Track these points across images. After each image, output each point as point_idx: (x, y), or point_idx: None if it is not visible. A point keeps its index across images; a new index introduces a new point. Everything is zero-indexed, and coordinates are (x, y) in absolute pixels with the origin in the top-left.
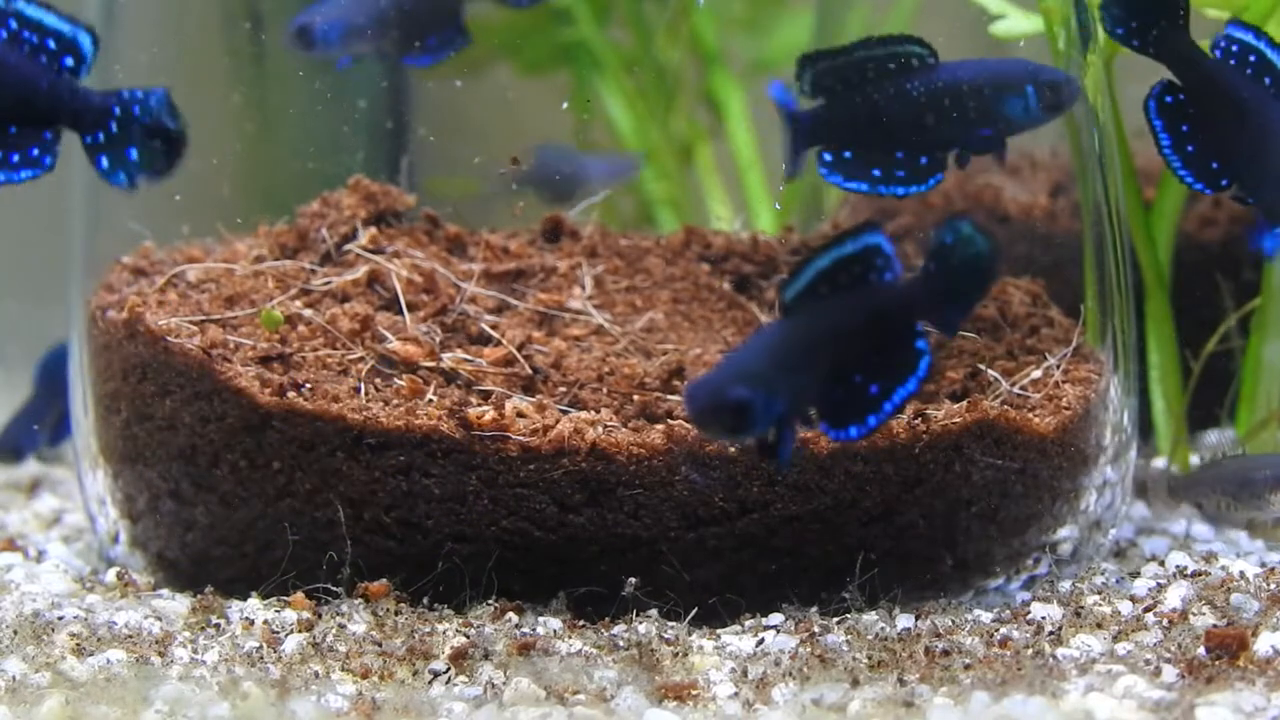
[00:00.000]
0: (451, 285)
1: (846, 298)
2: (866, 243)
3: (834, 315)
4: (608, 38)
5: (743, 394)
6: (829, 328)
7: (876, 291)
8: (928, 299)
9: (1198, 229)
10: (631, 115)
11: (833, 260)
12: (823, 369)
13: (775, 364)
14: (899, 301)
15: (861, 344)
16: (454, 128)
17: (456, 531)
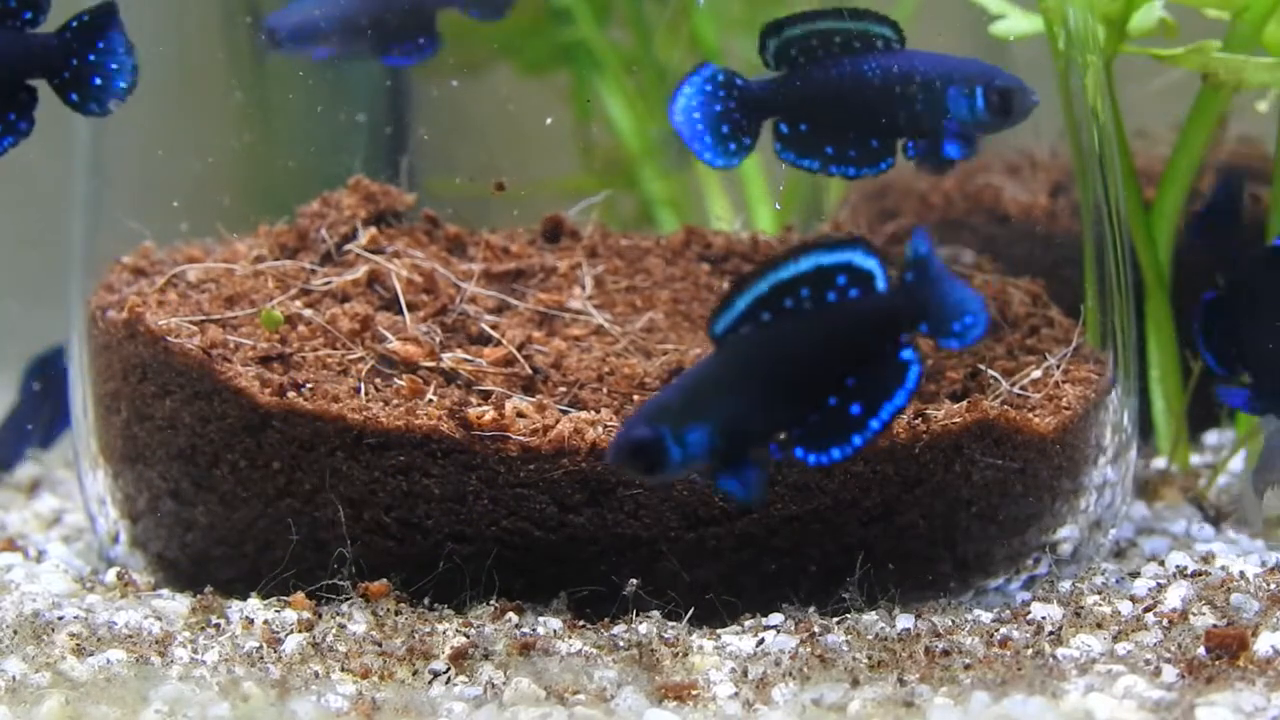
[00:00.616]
0: (451, 285)
1: (798, 320)
2: (811, 265)
3: (782, 341)
4: (608, 38)
5: (643, 434)
6: (776, 353)
7: (841, 310)
8: (902, 312)
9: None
10: (631, 115)
11: (771, 285)
12: (778, 395)
13: (692, 398)
14: (873, 317)
15: (830, 364)
16: (454, 128)
17: (456, 531)
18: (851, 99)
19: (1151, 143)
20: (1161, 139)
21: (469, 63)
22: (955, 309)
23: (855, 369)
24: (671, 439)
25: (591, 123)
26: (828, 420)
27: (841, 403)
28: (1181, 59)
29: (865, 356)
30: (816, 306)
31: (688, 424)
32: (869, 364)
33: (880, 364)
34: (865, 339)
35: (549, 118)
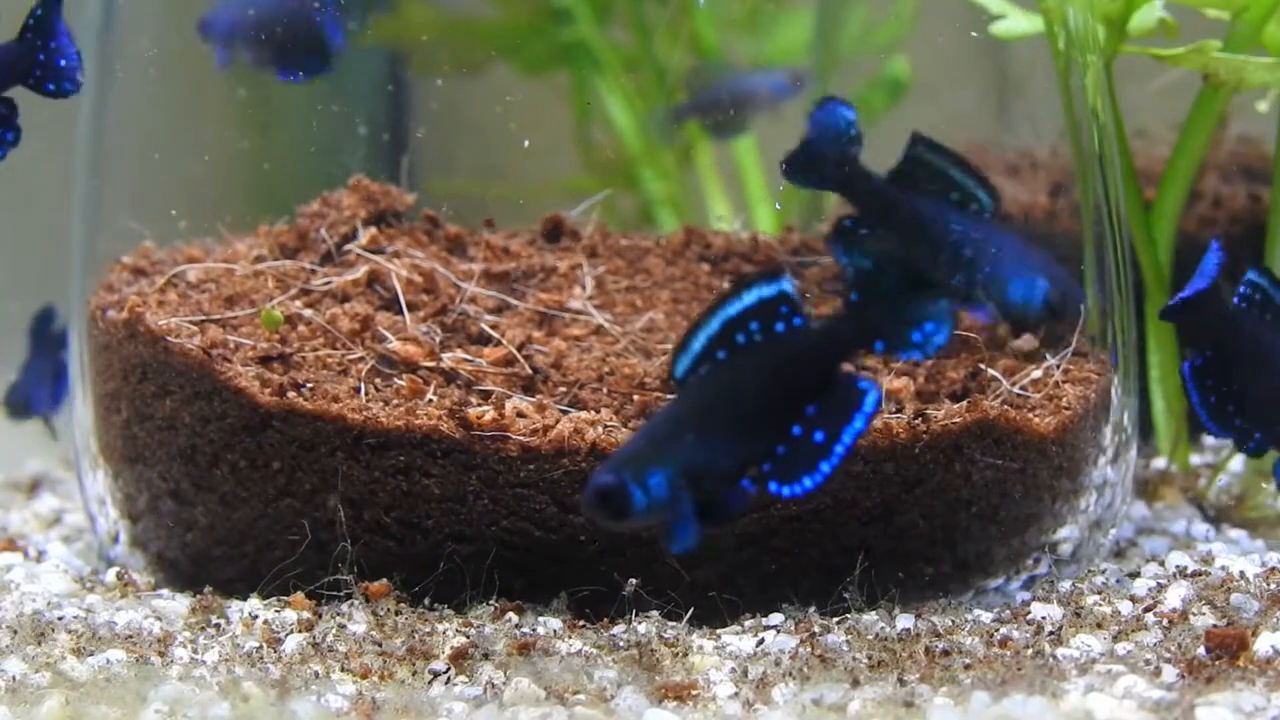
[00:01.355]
0: (451, 285)
1: (749, 355)
2: (754, 299)
3: (738, 377)
4: (608, 38)
5: (607, 481)
6: (734, 391)
7: (790, 340)
8: (854, 334)
9: (1198, 229)
10: (631, 115)
11: (722, 323)
12: (741, 432)
13: (655, 443)
14: (821, 343)
15: (788, 395)
16: (454, 128)
17: (456, 531)
18: (929, 244)
19: (1151, 143)
20: (1161, 139)
21: (469, 63)
22: (911, 319)
23: (813, 397)
24: (634, 484)
25: (591, 123)
26: (795, 451)
27: (805, 432)
28: (1181, 59)
29: (821, 383)
30: (767, 338)
31: (649, 468)
32: (826, 390)
33: (837, 389)
34: (817, 365)
35: (526, 141)
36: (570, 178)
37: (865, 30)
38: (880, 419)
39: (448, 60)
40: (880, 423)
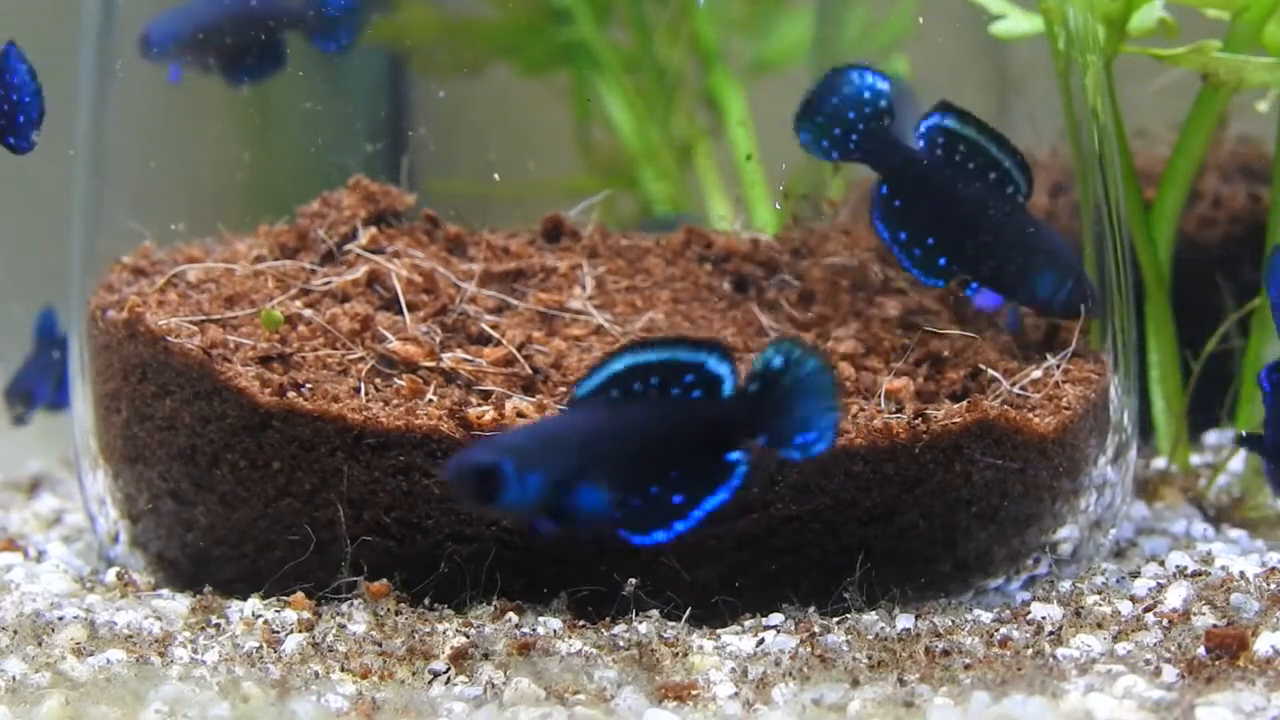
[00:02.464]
0: (451, 285)
1: (643, 408)
2: (667, 357)
3: (622, 422)
4: (608, 38)
5: (487, 460)
6: (615, 432)
7: (681, 408)
8: (741, 423)
9: (1198, 229)
10: (631, 115)
11: (628, 366)
12: (609, 470)
13: (541, 446)
14: (708, 422)
15: (660, 457)
16: (454, 128)
17: (456, 531)
18: (965, 220)
19: (1151, 143)
20: (1161, 139)
21: (469, 63)
22: (799, 425)
23: (689, 465)
24: (514, 475)
25: (591, 123)
26: (649, 506)
27: (663, 492)
28: (1181, 59)
29: (696, 455)
30: (660, 398)
31: (533, 467)
32: (701, 461)
33: (710, 462)
34: (698, 441)
35: (493, 161)
36: (570, 178)
37: (865, 30)
38: (880, 419)
39: (448, 60)
40: (880, 423)
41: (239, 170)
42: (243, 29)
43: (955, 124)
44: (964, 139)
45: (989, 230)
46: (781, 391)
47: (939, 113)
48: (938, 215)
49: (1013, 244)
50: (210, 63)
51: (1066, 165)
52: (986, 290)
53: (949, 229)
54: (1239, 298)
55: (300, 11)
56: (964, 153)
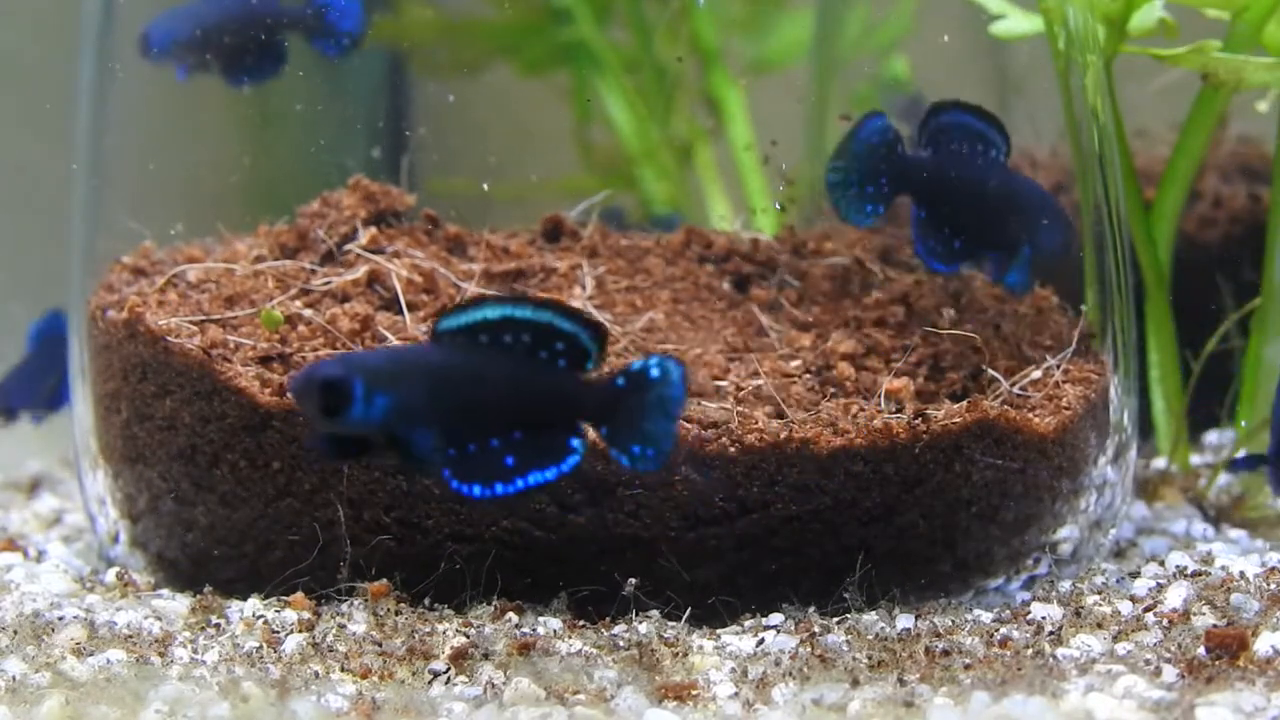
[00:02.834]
0: (451, 285)
1: (505, 359)
2: (546, 319)
3: (481, 367)
4: (608, 38)
5: (336, 373)
6: (471, 375)
7: (540, 372)
8: (595, 407)
9: (1198, 229)
10: (631, 115)
11: (504, 316)
12: (456, 409)
13: (394, 370)
14: (557, 395)
15: (506, 412)
16: (454, 128)
17: (456, 531)
18: (973, 199)
19: (1151, 143)
20: (1161, 139)
21: (469, 63)
22: (639, 435)
23: (528, 427)
24: (362, 392)
25: (591, 123)
26: (482, 457)
27: (501, 447)
28: (1181, 59)
29: (541, 423)
30: (525, 355)
31: (382, 388)
32: (545, 430)
33: (553, 435)
34: (549, 410)
35: (493, 162)
36: (570, 178)
37: (865, 30)
38: (880, 419)
39: (448, 60)
40: (880, 423)
41: (239, 170)
42: (243, 30)
43: (950, 118)
44: (956, 126)
45: (994, 201)
46: (642, 399)
47: (936, 113)
48: (954, 206)
49: (1012, 205)
50: (210, 63)
51: (1066, 165)
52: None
53: (963, 214)
54: (1239, 298)
55: (301, 14)
56: (957, 137)
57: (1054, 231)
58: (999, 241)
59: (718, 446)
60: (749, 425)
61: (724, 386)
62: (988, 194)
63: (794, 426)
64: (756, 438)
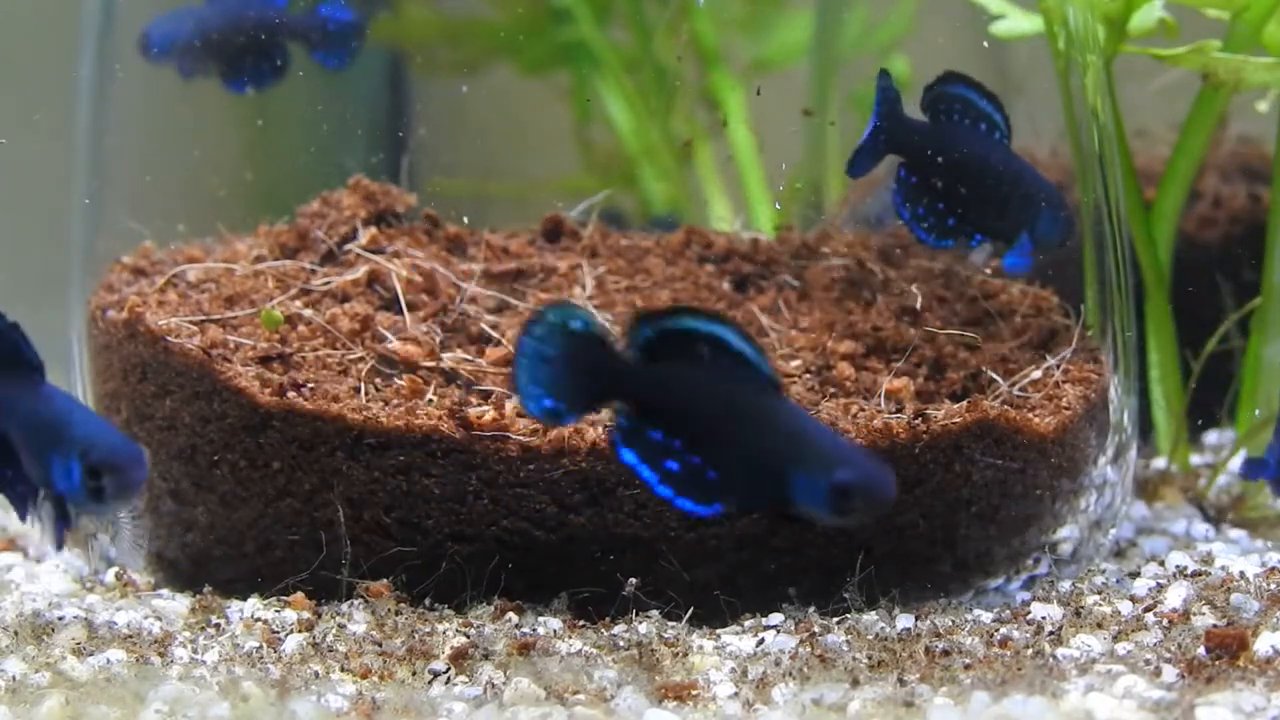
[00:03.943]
0: (451, 285)
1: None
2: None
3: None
4: (608, 38)
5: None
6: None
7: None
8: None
9: (1198, 229)
10: (631, 115)
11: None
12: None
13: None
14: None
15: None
16: (454, 128)
17: (456, 531)
18: (975, 176)
19: (1151, 143)
20: (1161, 139)
21: (469, 63)
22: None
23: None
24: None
25: (591, 123)
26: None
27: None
28: (1181, 59)
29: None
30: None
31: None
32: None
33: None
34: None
35: (493, 162)
36: (570, 178)
37: (865, 30)
38: (880, 419)
39: (448, 60)
40: (880, 423)
41: (239, 170)
42: (244, 36)
43: (951, 88)
44: (958, 98)
45: (994, 181)
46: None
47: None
48: (951, 179)
49: (1014, 188)
50: (210, 67)
51: (1066, 165)
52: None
53: (962, 189)
54: (1239, 298)
55: (303, 24)
56: (960, 110)
57: (1054, 221)
58: (997, 224)
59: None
60: None
61: None
62: (990, 173)
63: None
64: None
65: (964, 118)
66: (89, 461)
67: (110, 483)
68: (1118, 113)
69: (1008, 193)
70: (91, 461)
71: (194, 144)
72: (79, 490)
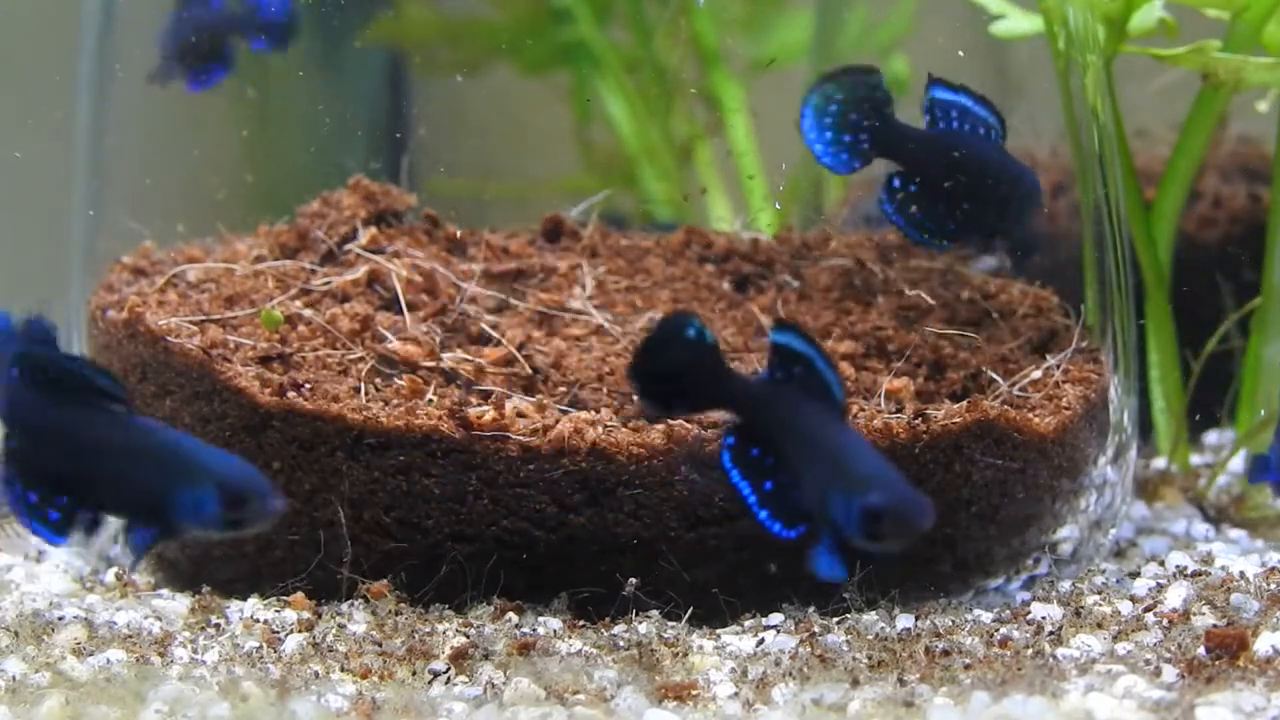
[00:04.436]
0: (451, 285)
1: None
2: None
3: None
4: (608, 38)
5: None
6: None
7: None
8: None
9: (1198, 229)
10: (631, 115)
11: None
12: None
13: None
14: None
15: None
16: (454, 128)
17: (456, 531)
18: (973, 181)
19: (1151, 143)
20: (1161, 139)
21: (469, 63)
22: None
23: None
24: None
25: (591, 123)
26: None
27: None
28: (1181, 59)
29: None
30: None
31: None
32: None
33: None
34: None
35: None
36: (570, 178)
37: (865, 30)
38: (880, 419)
39: (448, 60)
40: (880, 423)
41: (239, 170)
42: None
43: (944, 94)
44: (953, 105)
45: (991, 183)
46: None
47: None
48: (950, 183)
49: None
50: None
51: (1066, 165)
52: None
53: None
54: (1239, 298)
55: (234, 15)
56: (955, 117)
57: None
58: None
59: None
60: None
61: None
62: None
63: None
64: None
65: (961, 123)
66: (228, 492)
67: (251, 512)
68: (1118, 113)
69: (1004, 190)
70: (231, 492)
71: (194, 144)
72: (214, 520)
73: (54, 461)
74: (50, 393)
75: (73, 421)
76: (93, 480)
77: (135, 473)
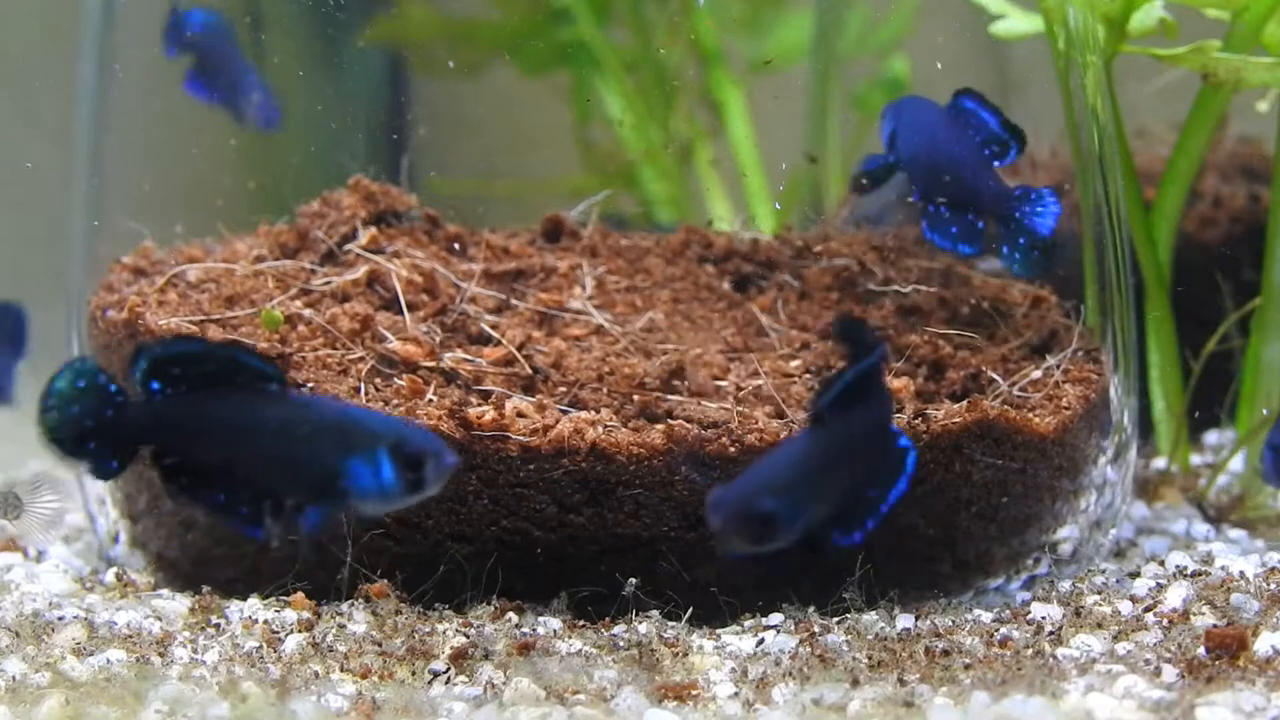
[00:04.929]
0: (451, 285)
1: (856, 411)
2: (873, 362)
3: (848, 428)
4: (608, 38)
5: (769, 505)
6: (845, 440)
7: (871, 403)
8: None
9: (1198, 229)
10: (631, 115)
11: (856, 374)
12: (840, 479)
13: (801, 477)
14: (887, 408)
15: (868, 453)
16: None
17: (456, 531)
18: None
19: (1151, 143)
20: (1161, 139)
21: (469, 63)
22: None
23: (875, 456)
24: (788, 514)
25: (591, 123)
26: (858, 504)
27: (864, 486)
28: (1181, 59)
29: (881, 444)
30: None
31: (801, 501)
32: (883, 452)
33: (889, 451)
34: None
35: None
36: (570, 178)
37: (865, 30)
38: None
39: (448, 60)
40: None
41: (239, 170)
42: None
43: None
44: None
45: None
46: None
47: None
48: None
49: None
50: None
51: (1066, 165)
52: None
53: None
54: (1239, 298)
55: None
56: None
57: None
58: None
59: (718, 446)
60: (749, 425)
61: (724, 386)
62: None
63: (794, 426)
64: (757, 438)
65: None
66: (404, 454)
67: (429, 471)
68: (1118, 113)
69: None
70: (407, 454)
71: (194, 143)
72: (393, 484)
73: (219, 457)
74: (201, 389)
75: (234, 411)
76: (262, 465)
77: (303, 450)
